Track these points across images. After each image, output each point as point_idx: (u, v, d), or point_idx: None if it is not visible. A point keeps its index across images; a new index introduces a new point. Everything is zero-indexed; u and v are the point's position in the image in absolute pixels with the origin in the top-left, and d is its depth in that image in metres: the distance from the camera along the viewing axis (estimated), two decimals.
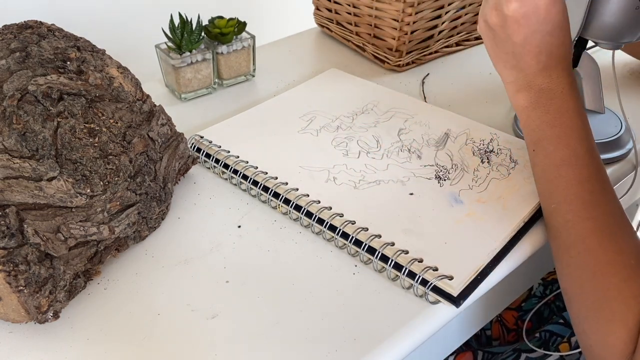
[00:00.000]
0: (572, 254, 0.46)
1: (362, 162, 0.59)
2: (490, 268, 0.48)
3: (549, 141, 0.49)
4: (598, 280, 0.45)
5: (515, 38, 0.49)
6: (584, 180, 0.47)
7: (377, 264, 0.48)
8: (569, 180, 0.47)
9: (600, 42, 0.55)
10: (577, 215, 0.46)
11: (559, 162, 0.48)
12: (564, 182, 0.48)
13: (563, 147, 0.48)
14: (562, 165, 0.48)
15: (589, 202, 0.46)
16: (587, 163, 0.48)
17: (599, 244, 0.45)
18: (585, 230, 0.46)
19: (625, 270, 0.44)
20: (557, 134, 0.49)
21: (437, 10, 0.76)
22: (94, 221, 0.45)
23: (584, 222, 0.46)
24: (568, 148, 0.48)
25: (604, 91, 0.64)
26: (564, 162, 0.48)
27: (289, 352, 0.42)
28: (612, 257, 0.44)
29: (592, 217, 0.46)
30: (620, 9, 0.52)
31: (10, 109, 0.43)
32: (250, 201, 0.56)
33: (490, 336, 0.74)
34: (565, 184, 0.48)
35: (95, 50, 0.52)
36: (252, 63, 0.76)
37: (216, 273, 0.48)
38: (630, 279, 0.44)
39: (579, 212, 0.46)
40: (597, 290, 0.45)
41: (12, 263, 0.39)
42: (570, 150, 0.48)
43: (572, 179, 0.47)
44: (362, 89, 0.72)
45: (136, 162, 0.49)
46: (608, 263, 0.44)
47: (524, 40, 0.49)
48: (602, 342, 0.44)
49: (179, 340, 0.43)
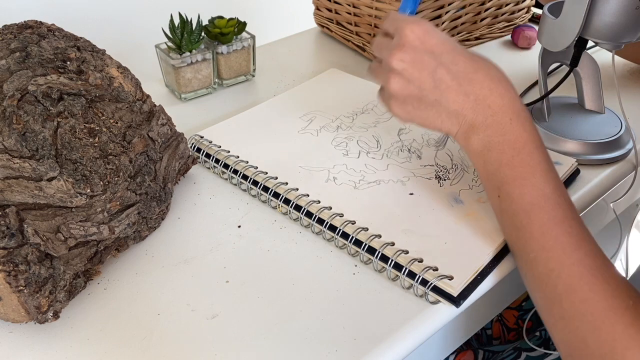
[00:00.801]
0: (564, 305, 0.41)
1: (362, 162, 0.59)
2: (490, 268, 0.48)
3: (513, 184, 0.45)
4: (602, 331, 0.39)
5: (425, 85, 0.46)
6: (559, 221, 0.43)
7: (377, 264, 0.48)
8: (543, 225, 0.43)
9: (600, 42, 0.55)
10: (561, 263, 0.42)
11: (527, 207, 0.44)
12: (538, 227, 0.43)
13: (529, 189, 0.44)
14: (532, 209, 0.44)
15: (570, 245, 0.42)
16: (559, 202, 0.44)
17: (592, 291, 0.41)
18: (574, 278, 0.41)
19: (627, 313, 0.39)
20: (519, 174, 0.44)
21: (437, 10, 0.76)
22: (94, 221, 0.45)
23: (569, 269, 0.41)
24: (534, 189, 0.44)
25: (604, 91, 0.64)
26: (533, 206, 0.44)
27: (288, 352, 0.42)
28: (610, 303, 0.40)
29: (576, 261, 0.42)
30: (620, 9, 0.52)
31: (10, 109, 0.43)
32: (250, 201, 0.56)
33: (491, 335, 0.74)
34: (540, 229, 0.43)
35: (95, 50, 0.52)
36: (252, 63, 0.76)
37: (216, 273, 0.48)
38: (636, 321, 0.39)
39: (561, 258, 0.42)
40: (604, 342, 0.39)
41: (12, 263, 0.40)
42: (538, 191, 0.44)
43: (546, 222, 0.43)
44: (362, 88, 0.72)
45: (136, 162, 0.49)
46: (608, 309, 0.40)
47: (432, 81, 0.46)
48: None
49: (179, 340, 0.43)
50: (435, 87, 0.46)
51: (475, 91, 0.46)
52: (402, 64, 0.47)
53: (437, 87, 0.46)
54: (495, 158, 0.46)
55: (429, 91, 0.46)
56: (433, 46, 0.46)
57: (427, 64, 0.46)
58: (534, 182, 0.44)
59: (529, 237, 0.44)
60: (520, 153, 0.45)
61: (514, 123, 0.45)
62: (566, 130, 0.62)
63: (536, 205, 0.44)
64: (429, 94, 0.46)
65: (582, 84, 0.65)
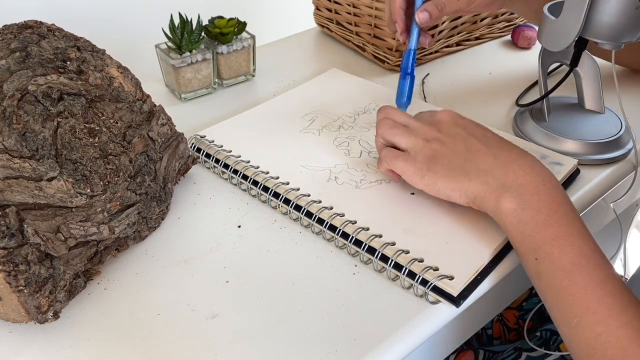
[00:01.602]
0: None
1: (363, 161, 0.59)
2: (490, 268, 0.48)
3: (551, 245, 0.43)
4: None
5: (458, 147, 0.49)
6: (601, 282, 0.41)
7: (377, 264, 0.48)
8: (586, 286, 0.41)
9: (600, 42, 0.55)
10: (608, 325, 0.40)
11: (568, 267, 0.42)
12: (581, 288, 0.42)
13: (569, 249, 0.43)
14: (574, 269, 0.42)
15: (615, 307, 0.41)
16: (599, 263, 0.42)
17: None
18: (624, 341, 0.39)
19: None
20: (557, 234, 0.43)
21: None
22: (94, 221, 0.45)
23: (618, 332, 0.40)
24: (573, 248, 0.43)
25: (604, 91, 0.64)
26: (574, 266, 0.42)
27: (289, 352, 0.42)
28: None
29: (624, 324, 0.40)
30: (620, 9, 0.52)
31: (10, 109, 0.43)
32: (250, 201, 0.56)
33: (492, 335, 0.74)
34: (583, 291, 0.41)
35: (95, 50, 0.52)
36: (252, 63, 0.76)
37: (216, 273, 0.48)
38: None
39: (608, 321, 0.40)
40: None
41: (12, 263, 0.39)
42: (577, 251, 0.43)
43: (589, 284, 0.42)
44: (363, 88, 0.72)
45: (136, 162, 0.49)
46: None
47: (465, 145, 0.49)
48: None
49: (179, 340, 0.43)
50: (466, 150, 0.49)
51: (504, 155, 0.48)
52: (436, 134, 0.51)
53: (469, 149, 0.49)
54: (531, 217, 0.45)
55: (460, 153, 0.49)
56: (465, 124, 0.51)
57: (460, 134, 0.50)
58: (573, 241, 0.43)
59: (571, 299, 0.42)
60: (556, 212, 0.44)
61: (547, 184, 0.46)
62: (566, 130, 0.62)
63: (577, 265, 0.42)
64: (460, 155, 0.49)
65: (582, 84, 0.65)
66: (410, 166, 0.50)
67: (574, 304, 0.42)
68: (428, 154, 0.50)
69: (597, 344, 0.40)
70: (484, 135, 0.50)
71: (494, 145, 0.49)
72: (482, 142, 0.49)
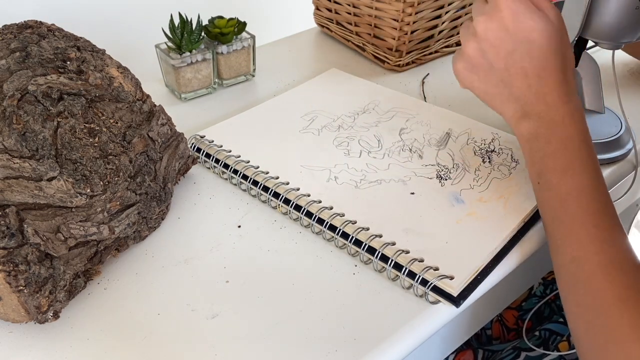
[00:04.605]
0: (580, 292, 0.43)
1: (363, 161, 0.59)
2: (490, 268, 0.48)
3: (553, 173, 0.46)
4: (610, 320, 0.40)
5: (497, 64, 0.48)
6: (591, 213, 0.44)
7: (377, 264, 0.48)
8: (575, 215, 0.44)
9: (600, 42, 0.55)
10: (584, 251, 0.43)
11: (564, 196, 0.45)
12: (570, 216, 0.45)
13: (568, 180, 0.45)
14: (568, 198, 0.45)
15: (597, 236, 0.43)
16: (594, 196, 0.45)
17: (607, 280, 0.41)
18: (594, 266, 0.42)
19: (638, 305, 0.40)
20: (561, 165, 0.46)
21: (437, 10, 0.76)
22: (94, 221, 0.45)
23: (592, 257, 0.43)
24: (573, 180, 0.45)
25: (604, 91, 0.64)
26: (569, 195, 0.45)
27: (289, 352, 0.42)
28: (623, 293, 0.41)
29: (600, 251, 0.43)
30: (620, 9, 0.52)
31: (10, 109, 0.43)
32: (250, 201, 0.56)
33: (491, 335, 0.74)
34: (571, 219, 0.44)
35: (95, 50, 0.52)
36: (252, 63, 0.76)
37: (216, 273, 0.48)
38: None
39: (587, 247, 0.43)
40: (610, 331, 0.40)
41: (12, 263, 0.39)
42: (576, 183, 0.45)
43: (578, 213, 0.44)
44: (363, 88, 0.72)
45: (136, 162, 0.49)
46: (619, 300, 0.41)
47: (505, 63, 0.48)
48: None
49: (179, 340, 0.43)
50: (505, 69, 0.48)
51: (538, 86, 0.47)
52: (485, 33, 0.48)
53: (508, 69, 0.48)
54: (540, 147, 0.47)
55: (499, 70, 0.48)
56: (519, 29, 0.47)
57: (506, 43, 0.47)
58: (574, 174, 0.45)
59: (560, 224, 0.45)
60: (566, 147, 0.46)
61: (566, 121, 0.47)
62: None
63: (572, 195, 0.45)
64: (498, 73, 0.48)
65: (582, 84, 0.65)
66: (458, 61, 0.51)
67: (561, 228, 0.45)
68: (470, 57, 0.50)
69: (570, 266, 0.44)
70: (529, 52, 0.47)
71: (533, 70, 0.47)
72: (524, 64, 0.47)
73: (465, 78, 0.51)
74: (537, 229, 0.52)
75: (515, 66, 0.47)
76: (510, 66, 0.48)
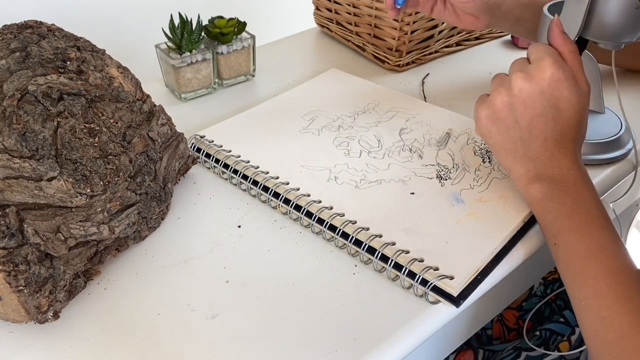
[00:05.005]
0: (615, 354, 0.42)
1: (363, 161, 0.59)
2: (490, 268, 0.48)
3: (570, 233, 0.46)
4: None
5: (522, 122, 0.48)
6: (613, 272, 0.44)
7: (377, 264, 0.48)
8: (598, 274, 0.44)
9: (600, 42, 0.55)
10: (613, 311, 0.43)
11: (583, 255, 0.45)
12: (593, 276, 0.44)
13: (586, 239, 0.46)
14: (588, 257, 0.45)
15: (623, 295, 0.43)
16: (614, 254, 0.45)
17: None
18: (625, 326, 0.42)
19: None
20: (577, 225, 0.46)
21: None
22: (94, 221, 0.45)
23: (622, 317, 0.42)
24: (591, 239, 0.46)
25: (604, 91, 0.64)
26: (589, 255, 0.45)
27: (289, 352, 0.42)
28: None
29: (628, 310, 0.42)
30: (620, 9, 0.52)
31: (10, 109, 0.43)
32: (250, 201, 0.56)
33: (491, 335, 0.74)
34: (594, 278, 0.44)
35: (95, 50, 0.52)
36: (252, 63, 0.76)
37: (216, 273, 0.48)
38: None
39: (614, 306, 0.43)
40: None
41: (12, 263, 0.39)
42: (594, 241, 0.45)
43: (601, 272, 0.44)
44: (363, 88, 0.72)
45: (136, 162, 0.49)
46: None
47: (529, 123, 0.48)
48: None
49: (179, 340, 0.43)
50: (528, 129, 0.49)
51: (554, 150, 0.48)
52: (520, 90, 0.48)
53: (530, 129, 0.49)
54: (554, 207, 0.48)
55: (522, 129, 0.49)
56: (554, 96, 0.48)
57: (538, 105, 0.48)
58: (592, 233, 0.46)
59: (583, 284, 0.45)
60: (579, 207, 0.47)
61: (578, 183, 0.48)
62: None
63: (592, 254, 0.45)
64: (520, 131, 0.49)
65: None
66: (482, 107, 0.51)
67: (585, 288, 0.45)
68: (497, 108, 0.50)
69: (600, 327, 0.43)
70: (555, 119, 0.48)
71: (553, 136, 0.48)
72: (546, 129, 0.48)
73: (485, 126, 0.51)
74: (537, 229, 0.52)
75: (538, 128, 0.48)
76: (534, 127, 0.48)
